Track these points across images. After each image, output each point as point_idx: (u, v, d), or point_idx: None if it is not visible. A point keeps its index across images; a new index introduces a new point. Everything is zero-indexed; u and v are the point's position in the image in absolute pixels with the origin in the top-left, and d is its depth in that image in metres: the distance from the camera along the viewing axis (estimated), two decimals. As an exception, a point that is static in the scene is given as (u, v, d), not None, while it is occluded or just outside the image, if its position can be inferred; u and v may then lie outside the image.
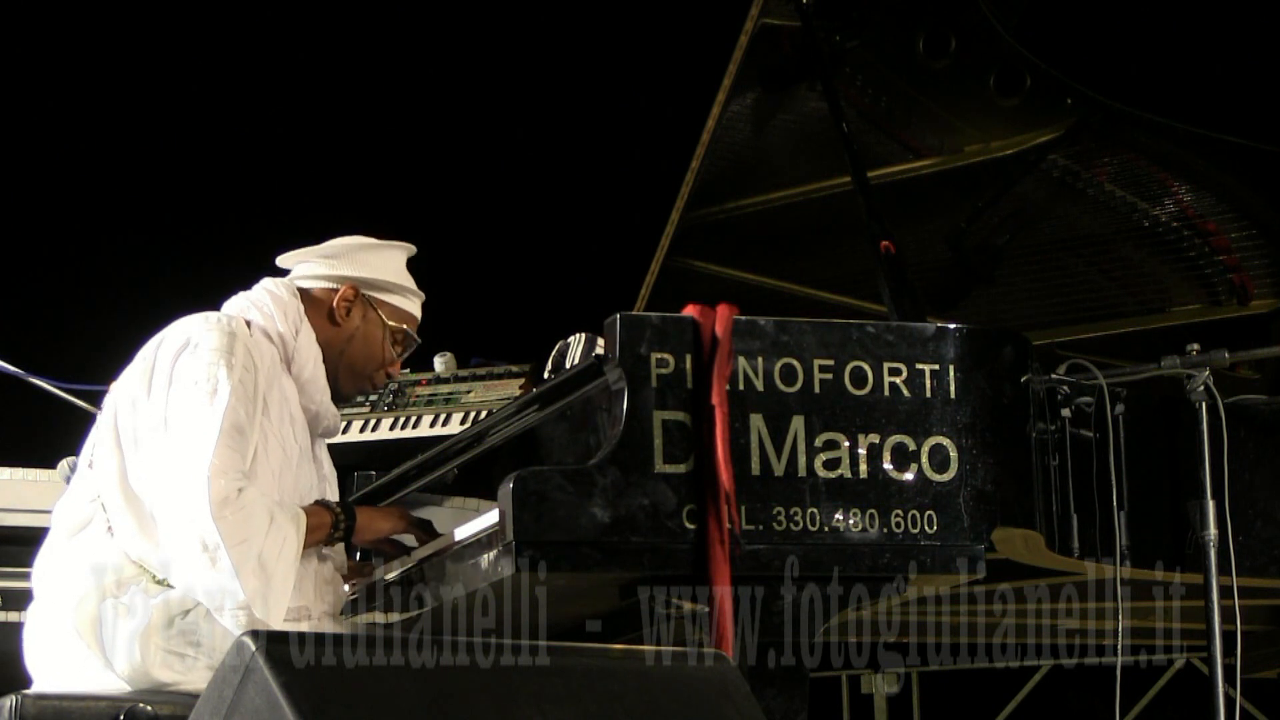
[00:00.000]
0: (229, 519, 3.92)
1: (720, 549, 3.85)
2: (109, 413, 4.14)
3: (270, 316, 4.24)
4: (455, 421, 5.70)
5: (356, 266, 4.35)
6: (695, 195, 5.31)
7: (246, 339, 4.14)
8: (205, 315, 4.18)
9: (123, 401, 4.13)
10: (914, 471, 4.05)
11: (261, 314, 4.25)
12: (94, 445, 4.16)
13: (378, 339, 4.36)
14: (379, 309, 4.36)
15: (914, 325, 4.15)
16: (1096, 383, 4.36)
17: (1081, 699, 7.42)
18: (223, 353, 4.07)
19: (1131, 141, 5.40)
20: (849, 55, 5.25)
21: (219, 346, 4.08)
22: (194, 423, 4.00)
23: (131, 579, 4.03)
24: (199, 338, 4.10)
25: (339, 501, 4.32)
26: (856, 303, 5.40)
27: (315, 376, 4.28)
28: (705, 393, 3.92)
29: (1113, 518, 4.34)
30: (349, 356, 4.34)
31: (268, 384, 4.14)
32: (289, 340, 4.24)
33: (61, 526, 4.14)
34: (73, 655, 4.02)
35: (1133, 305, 5.60)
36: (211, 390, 4.02)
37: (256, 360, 4.12)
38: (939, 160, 5.46)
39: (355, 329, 4.34)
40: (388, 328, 4.36)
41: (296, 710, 3.05)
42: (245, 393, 4.06)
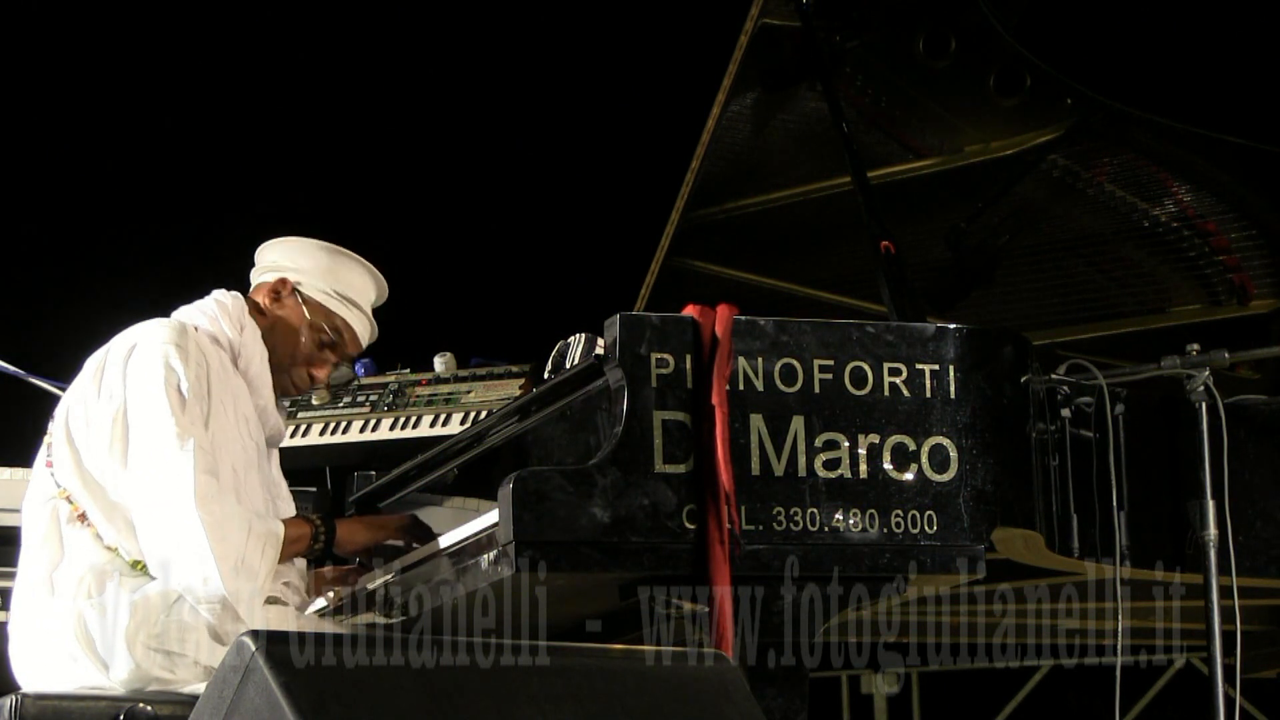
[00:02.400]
0: (214, 512, 3.97)
1: (720, 549, 3.85)
2: (61, 418, 4.18)
3: (214, 319, 4.28)
4: (455, 421, 5.70)
5: (297, 261, 4.38)
6: (695, 195, 5.31)
7: (195, 337, 4.18)
8: (151, 320, 4.23)
9: (74, 405, 4.17)
10: (914, 471, 4.05)
11: (207, 318, 4.28)
12: (49, 447, 4.19)
13: (295, 329, 4.35)
14: (306, 305, 4.36)
15: (914, 325, 4.15)
16: (1096, 383, 4.36)
17: (1081, 699, 7.42)
18: (175, 346, 4.11)
19: (1131, 141, 5.40)
20: (849, 55, 5.25)
21: (169, 340, 4.13)
22: (160, 421, 4.03)
23: (107, 574, 4.03)
24: (148, 337, 4.15)
25: (319, 514, 4.33)
26: (856, 303, 5.40)
27: (261, 372, 4.30)
28: (705, 393, 3.92)
29: (1113, 518, 4.34)
30: (277, 340, 4.35)
31: (220, 384, 4.16)
32: (234, 339, 4.27)
33: (33, 531, 4.15)
34: (58, 657, 4.02)
35: (1133, 305, 5.60)
36: (174, 386, 4.06)
37: (207, 358, 4.16)
38: (939, 160, 5.46)
39: (276, 318, 4.35)
40: (307, 321, 4.36)
41: (296, 710, 3.05)
42: (200, 390, 4.10)
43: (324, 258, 4.40)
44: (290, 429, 5.85)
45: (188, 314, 4.31)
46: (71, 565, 4.06)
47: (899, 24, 5.30)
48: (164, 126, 7.51)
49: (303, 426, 5.87)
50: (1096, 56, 6.62)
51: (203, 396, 4.10)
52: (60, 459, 4.14)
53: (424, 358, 5.99)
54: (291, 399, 4.54)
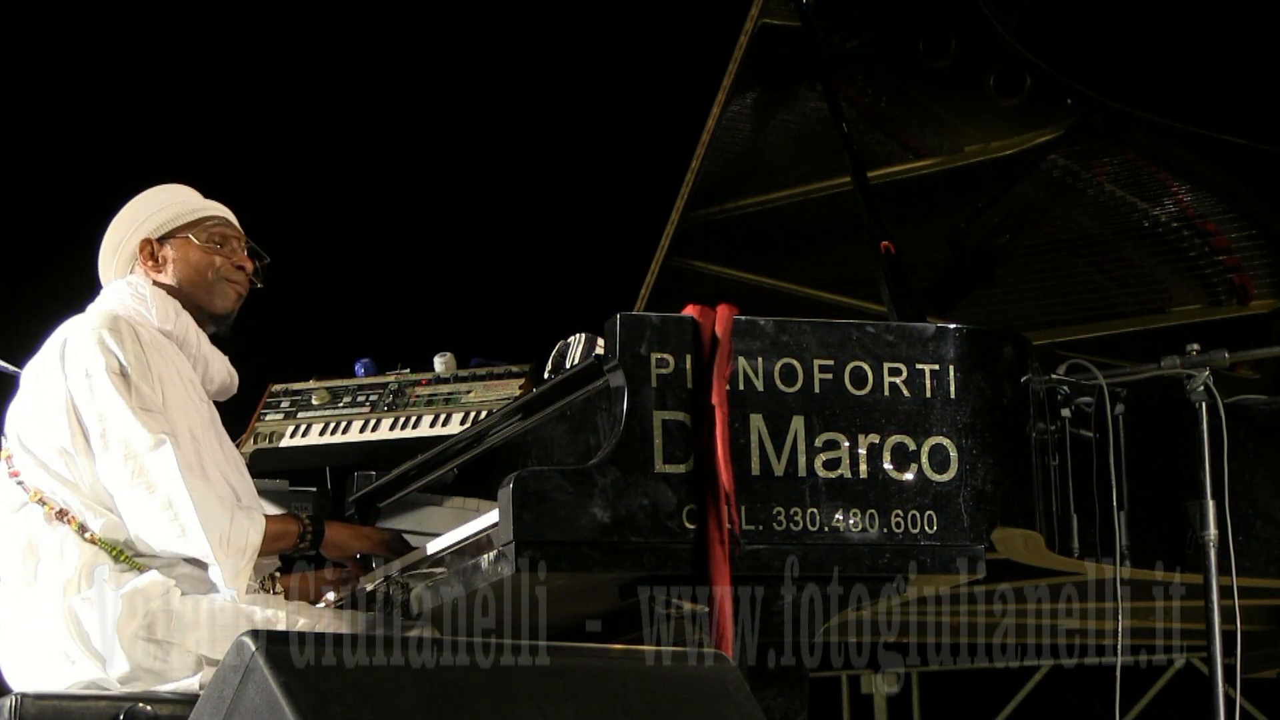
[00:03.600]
0: (197, 486, 4.02)
1: (720, 549, 3.85)
2: (13, 433, 4.19)
3: (121, 300, 4.30)
4: (455, 421, 5.70)
5: (134, 225, 4.40)
6: (695, 195, 5.31)
7: (123, 317, 4.20)
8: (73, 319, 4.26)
9: (21, 416, 4.19)
10: (914, 471, 4.05)
11: (119, 304, 4.29)
12: (9, 459, 4.19)
13: (193, 262, 4.38)
14: (176, 238, 4.39)
15: (914, 325, 4.15)
16: (1096, 383, 4.36)
17: (1081, 699, 7.43)
18: (106, 330, 4.14)
19: (1131, 141, 5.40)
20: (849, 55, 5.25)
21: (99, 325, 4.15)
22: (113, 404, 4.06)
23: (93, 567, 4.03)
24: (77, 329, 4.17)
25: (309, 514, 4.35)
26: (856, 303, 5.40)
27: (187, 333, 4.31)
28: (705, 393, 3.93)
29: (1113, 518, 4.34)
30: (188, 284, 4.37)
31: (156, 354, 4.18)
32: (147, 305, 4.28)
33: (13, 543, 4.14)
34: (52, 657, 4.02)
35: (1133, 305, 5.60)
36: (115, 370, 4.09)
37: (138, 333, 4.18)
38: (939, 160, 5.46)
39: (174, 270, 4.37)
40: (195, 246, 4.38)
41: (296, 710, 3.05)
42: (142, 366, 4.13)
43: (145, 204, 4.43)
44: (290, 429, 5.85)
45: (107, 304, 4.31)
46: (57, 565, 4.06)
47: (899, 24, 5.30)
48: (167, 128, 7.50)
49: (303, 426, 5.87)
50: (1096, 56, 6.62)
51: (146, 371, 4.13)
52: (24, 465, 4.15)
53: (424, 358, 5.99)
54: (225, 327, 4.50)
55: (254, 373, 6.11)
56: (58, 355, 4.16)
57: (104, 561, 4.05)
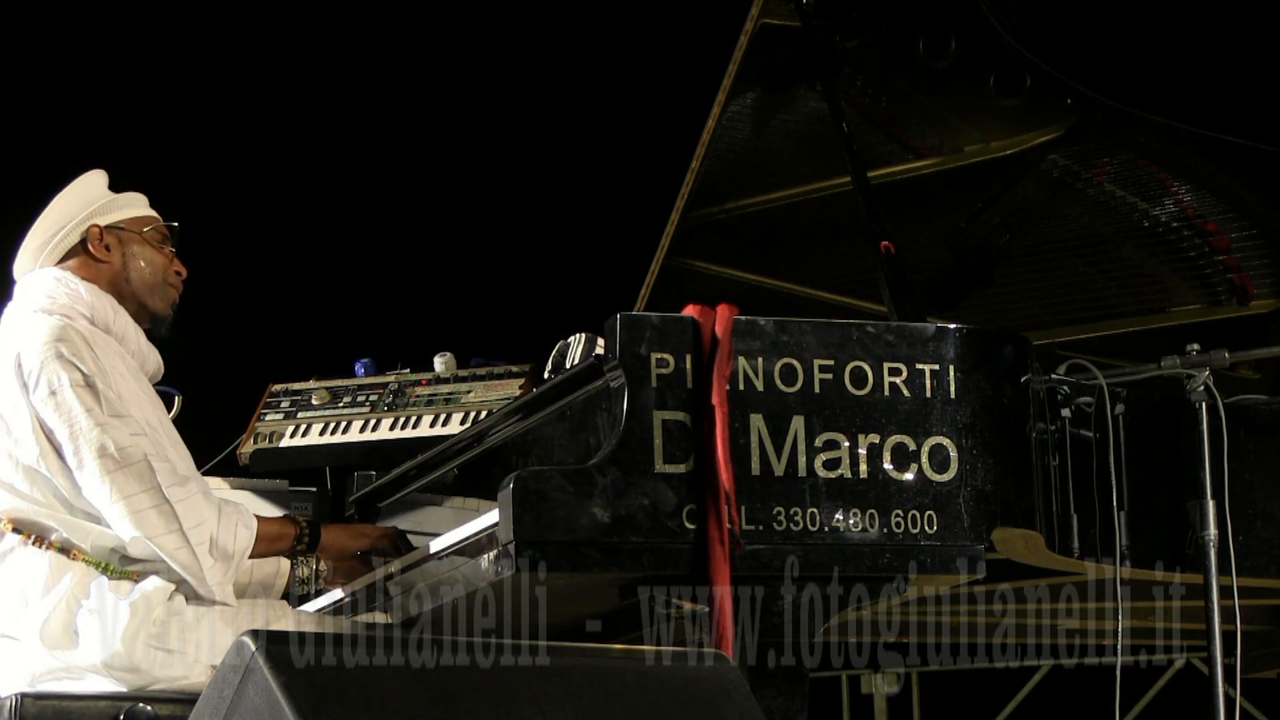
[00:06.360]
0: (183, 502, 3.99)
1: (720, 549, 3.85)
2: None
3: (51, 298, 4.19)
4: (455, 421, 5.69)
5: (84, 210, 4.31)
6: (695, 195, 5.31)
7: (68, 323, 4.11)
8: (11, 326, 4.17)
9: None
10: (914, 471, 4.05)
11: (50, 302, 4.19)
12: None
13: (139, 257, 4.32)
14: (123, 228, 4.32)
15: (914, 325, 4.15)
16: (1096, 383, 4.36)
17: (1081, 699, 7.43)
18: (59, 342, 4.06)
19: (1131, 141, 5.40)
20: (849, 55, 5.25)
21: (51, 338, 4.07)
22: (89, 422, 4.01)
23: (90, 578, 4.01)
24: (28, 344, 4.08)
25: (306, 518, 4.34)
26: (856, 303, 5.40)
27: (124, 325, 4.24)
28: (705, 393, 3.93)
29: (1113, 518, 4.34)
30: (137, 280, 4.31)
31: (106, 353, 4.11)
32: (82, 302, 4.19)
33: None
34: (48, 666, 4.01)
35: (1133, 305, 5.60)
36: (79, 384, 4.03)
37: (86, 338, 4.10)
38: (939, 160, 5.46)
39: (121, 258, 4.30)
40: (139, 239, 4.33)
41: (296, 710, 3.05)
42: (101, 370, 4.06)
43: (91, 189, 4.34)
44: (290, 429, 5.85)
45: (38, 304, 4.19)
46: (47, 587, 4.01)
47: (899, 24, 5.30)
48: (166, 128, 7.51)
49: (303, 426, 5.87)
50: (1096, 56, 6.62)
51: (106, 375, 4.06)
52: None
53: (424, 358, 5.99)
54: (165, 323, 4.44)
55: (254, 373, 6.13)
56: (12, 374, 4.06)
57: (91, 571, 4.02)
